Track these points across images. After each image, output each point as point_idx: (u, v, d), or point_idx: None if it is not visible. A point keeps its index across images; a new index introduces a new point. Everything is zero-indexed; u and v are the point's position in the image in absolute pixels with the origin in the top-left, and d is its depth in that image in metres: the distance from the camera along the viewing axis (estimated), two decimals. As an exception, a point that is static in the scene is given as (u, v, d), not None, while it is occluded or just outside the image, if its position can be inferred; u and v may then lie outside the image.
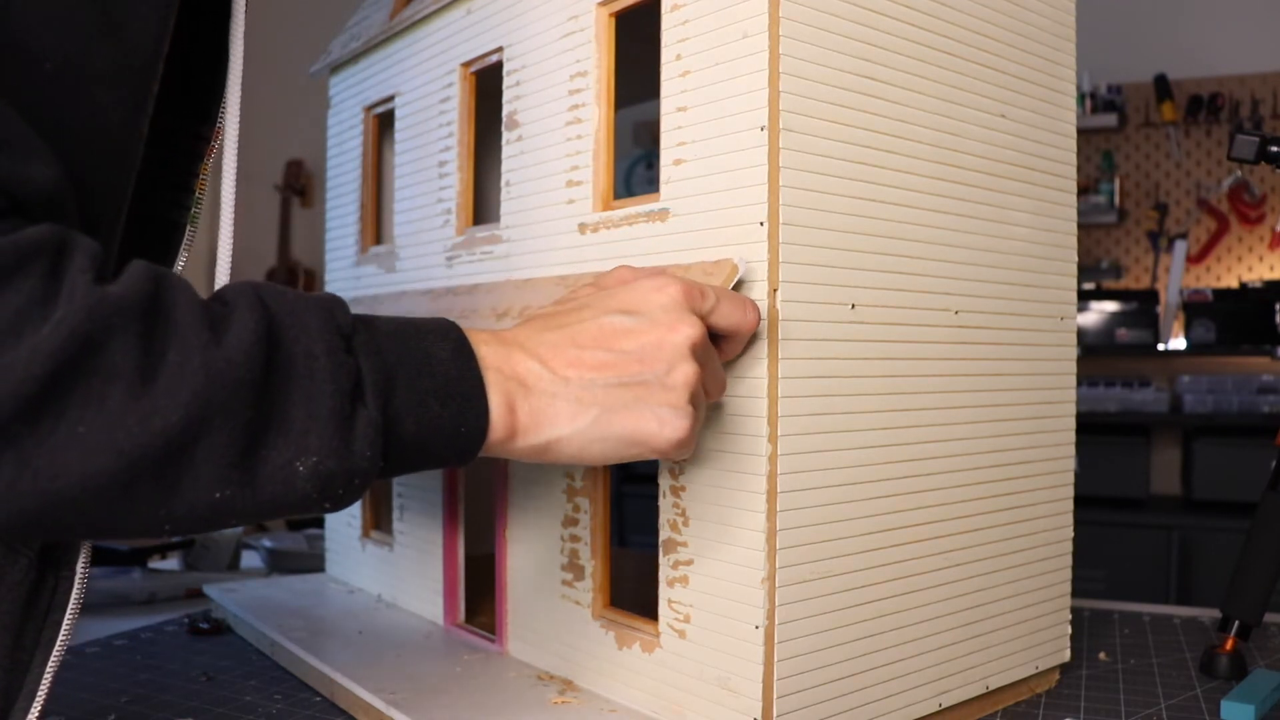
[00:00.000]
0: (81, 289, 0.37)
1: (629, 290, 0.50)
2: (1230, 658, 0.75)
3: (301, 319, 0.43)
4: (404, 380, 0.44)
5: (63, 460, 0.36)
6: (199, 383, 0.38)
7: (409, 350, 0.45)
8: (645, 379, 0.48)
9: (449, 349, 0.46)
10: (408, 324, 0.47)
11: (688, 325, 0.49)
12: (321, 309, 0.44)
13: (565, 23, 0.66)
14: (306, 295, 0.45)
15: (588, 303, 0.50)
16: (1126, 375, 2.70)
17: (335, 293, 0.56)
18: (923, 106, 0.61)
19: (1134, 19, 2.78)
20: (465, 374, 0.46)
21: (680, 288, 0.50)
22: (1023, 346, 0.68)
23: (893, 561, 0.60)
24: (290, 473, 0.41)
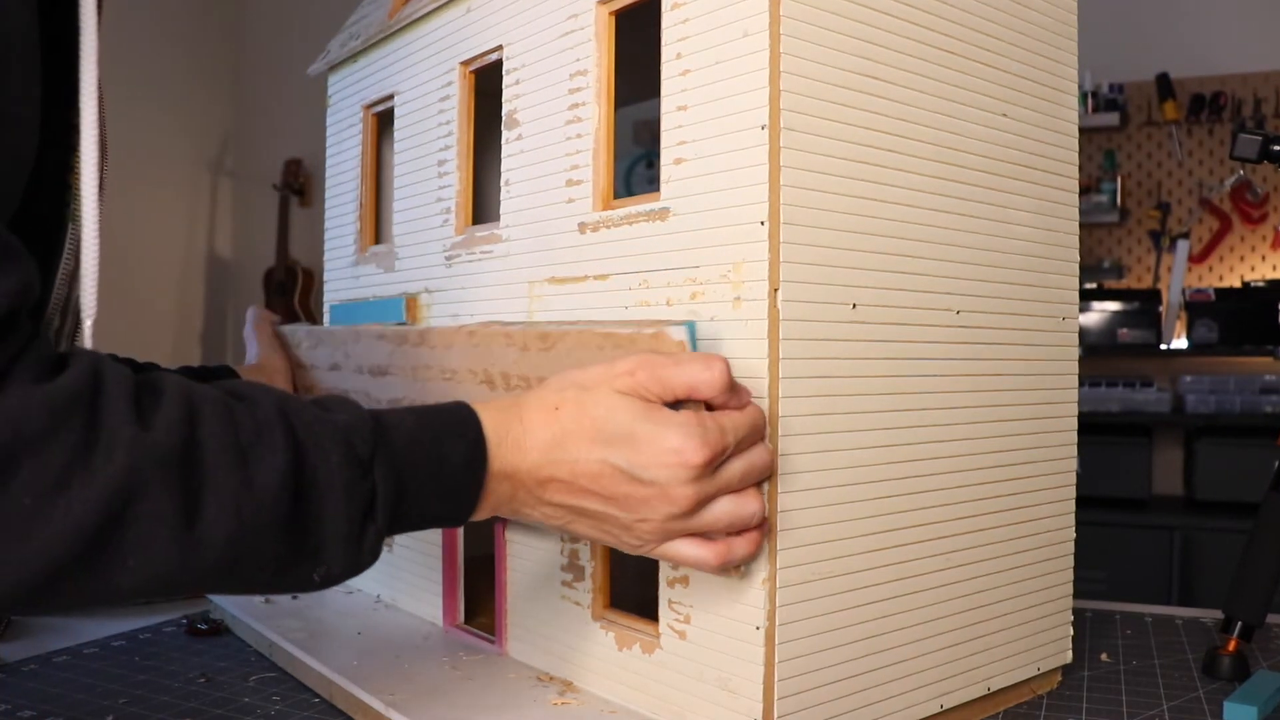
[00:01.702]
0: (122, 441, 0.40)
1: (648, 442, 0.49)
2: (1233, 659, 0.74)
3: (325, 452, 0.45)
4: (414, 489, 0.48)
5: (112, 586, 0.41)
6: (233, 528, 0.42)
7: (424, 459, 0.48)
8: (619, 519, 0.51)
9: (463, 454, 0.49)
10: (428, 425, 0.49)
11: (688, 496, 0.49)
12: (343, 440, 0.46)
13: (565, 21, 0.66)
14: (330, 419, 0.47)
15: (607, 431, 0.50)
16: (1128, 375, 2.69)
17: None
18: (924, 106, 0.60)
19: (1136, 18, 2.77)
20: (471, 483, 0.50)
21: (702, 459, 0.49)
22: (1024, 346, 0.68)
23: (894, 562, 0.59)
24: (303, 579, 0.46)
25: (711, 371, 0.50)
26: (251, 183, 3.74)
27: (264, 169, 3.64)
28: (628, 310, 0.61)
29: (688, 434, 0.49)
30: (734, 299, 0.54)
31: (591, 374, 0.51)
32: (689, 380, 0.50)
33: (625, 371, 0.51)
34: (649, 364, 0.50)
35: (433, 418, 0.50)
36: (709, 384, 0.50)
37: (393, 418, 0.49)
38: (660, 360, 0.51)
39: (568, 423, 0.50)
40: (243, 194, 3.82)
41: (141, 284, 3.39)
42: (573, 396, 0.51)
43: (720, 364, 0.50)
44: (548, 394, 0.52)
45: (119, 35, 3.34)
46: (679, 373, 0.50)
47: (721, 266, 0.55)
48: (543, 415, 0.51)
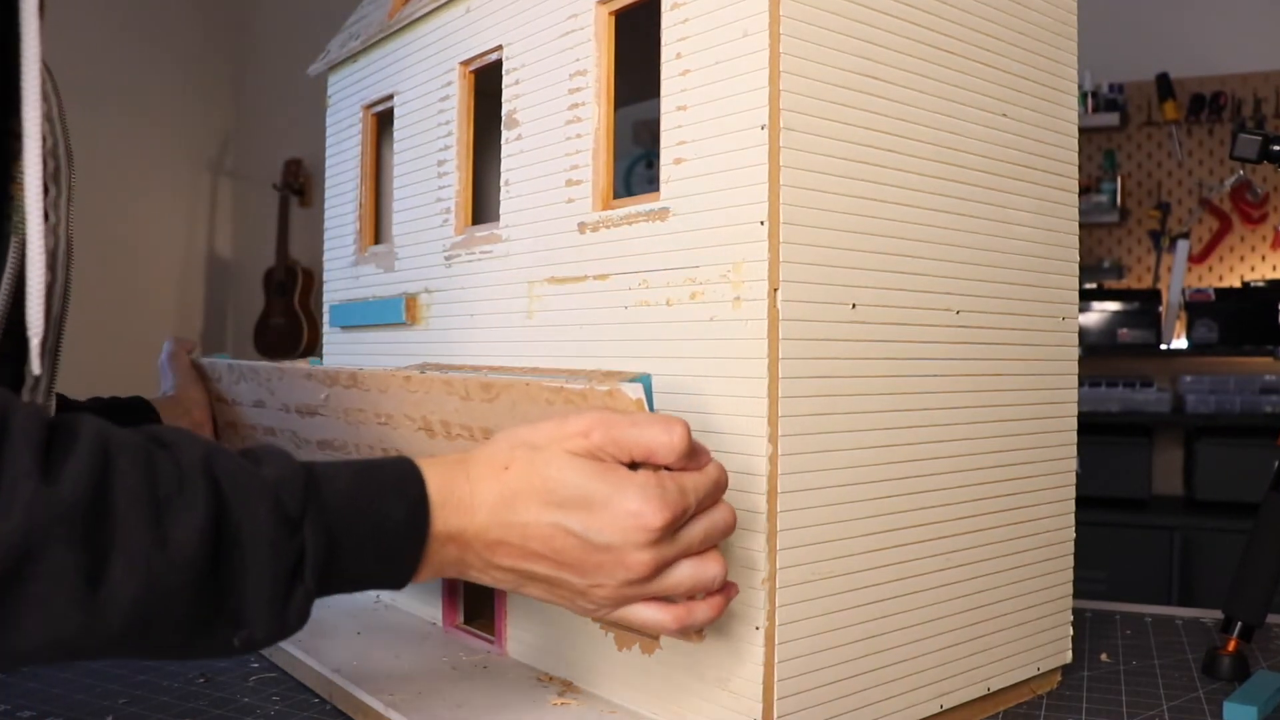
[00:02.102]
0: (22, 496, 0.37)
1: (604, 505, 0.46)
2: (1233, 659, 0.74)
3: (251, 508, 0.42)
4: (348, 548, 0.45)
5: (8, 650, 0.38)
6: (142, 590, 0.39)
7: (361, 517, 0.45)
8: (573, 584, 0.48)
9: (403, 513, 0.46)
10: (367, 481, 0.46)
11: (645, 562, 0.47)
12: (271, 495, 0.43)
13: (565, 21, 0.66)
14: (258, 472, 0.44)
15: (560, 493, 0.47)
16: (1128, 375, 2.69)
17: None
18: (924, 106, 0.60)
19: (1136, 17, 2.77)
20: (411, 544, 0.47)
21: (661, 522, 0.46)
22: (1024, 346, 0.68)
23: (893, 562, 0.59)
24: (222, 644, 0.43)
25: (671, 435, 0.47)
26: (251, 183, 3.74)
27: (264, 169, 3.64)
28: (628, 310, 0.61)
29: (646, 496, 0.46)
30: (734, 299, 0.54)
31: (543, 432, 0.48)
32: (647, 444, 0.47)
33: (579, 432, 0.48)
34: (604, 424, 0.47)
35: (372, 473, 0.47)
36: (668, 448, 0.47)
37: (328, 471, 0.46)
38: (616, 420, 0.48)
39: (518, 483, 0.47)
40: (243, 194, 3.82)
41: (141, 284, 3.39)
42: (523, 456, 0.48)
43: (680, 428, 0.47)
44: (497, 452, 0.49)
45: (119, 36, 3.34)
46: (636, 435, 0.47)
47: (721, 266, 0.55)
48: (491, 474, 0.48)
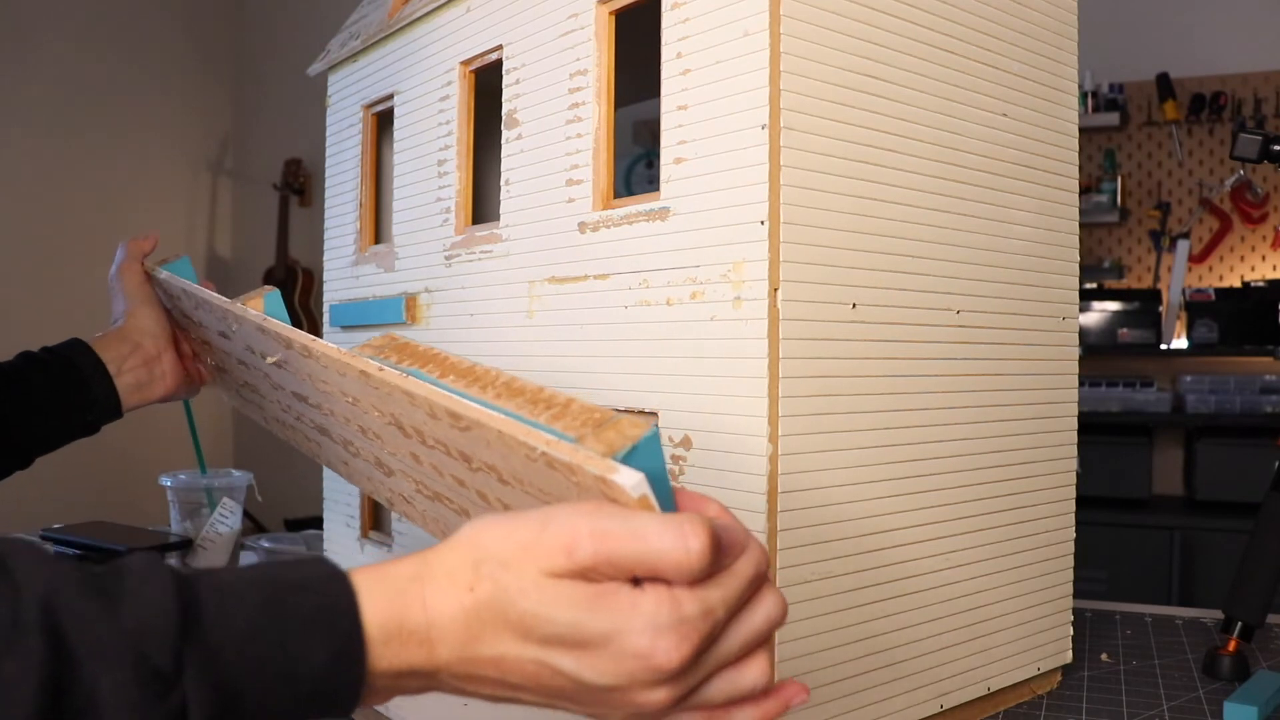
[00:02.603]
0: None
1: (600, 645, 0.36)
2: (1233, 659, 0.74)
3: (108, 663, 0.34)
4: (252, 698, 0.36)
5: None
6: None
7: (265, 664, 0.36)
8: (572, 709, 0.40)
9: (325, 656, 0.37)
10: (275, 613, 0.36)
11: (660, 701, 0.38)
12: (132, 647, 0.34)
13: (565, 21, 0.66)
14: (115, 617, 0.34)
15: (541, 630, 0.37)
16: (1128, 375, 2.69)
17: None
18: (924, 105, 0.60)
19: (1136, 17, 2.77)
20: (342, 686, 0.37)
21: (679, 661, 0.36)
22: (1024, 346, 0.68)
23: (893, 562, 0.59)
24: None
25: (688, 550, 0.36)
26: (252, 183, 3.75)
27: (264, 169, 3.64)
28: (628, 310, 0.61)
29: (657, 630, 0.36)
30: (734, 299, 0.54)
31: (514, 544, 0.38)
32: (653, 562, 0.36)
33: (560, 549, 0.37)
34: (595, 536, 0.36)
35: (283, 600, 0.37)
36: (682, 568, 0.36)
37: (219, 599, 0.36)
38: (611, 532, 0.36)
39: (486, 612, 0.37)
40: (243, 194, 3.82)
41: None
42: (491, 575, 0.38)
43: (699, 537, 0.36)
44: (458, 564, 0.39)
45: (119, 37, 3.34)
46: (639, 550, 0.36)
47: (721, 266, 0.55)
48: (453, 595, 0.38)
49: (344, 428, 0.60)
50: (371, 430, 0.56)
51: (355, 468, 0.65)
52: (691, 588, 0.37)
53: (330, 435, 0.64)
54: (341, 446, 0.64)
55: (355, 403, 0.56)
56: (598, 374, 0.64)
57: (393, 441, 0.53)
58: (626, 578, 0.37)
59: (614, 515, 0.37)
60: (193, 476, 1.15)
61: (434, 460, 0.51)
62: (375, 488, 0.64)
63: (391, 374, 0.48)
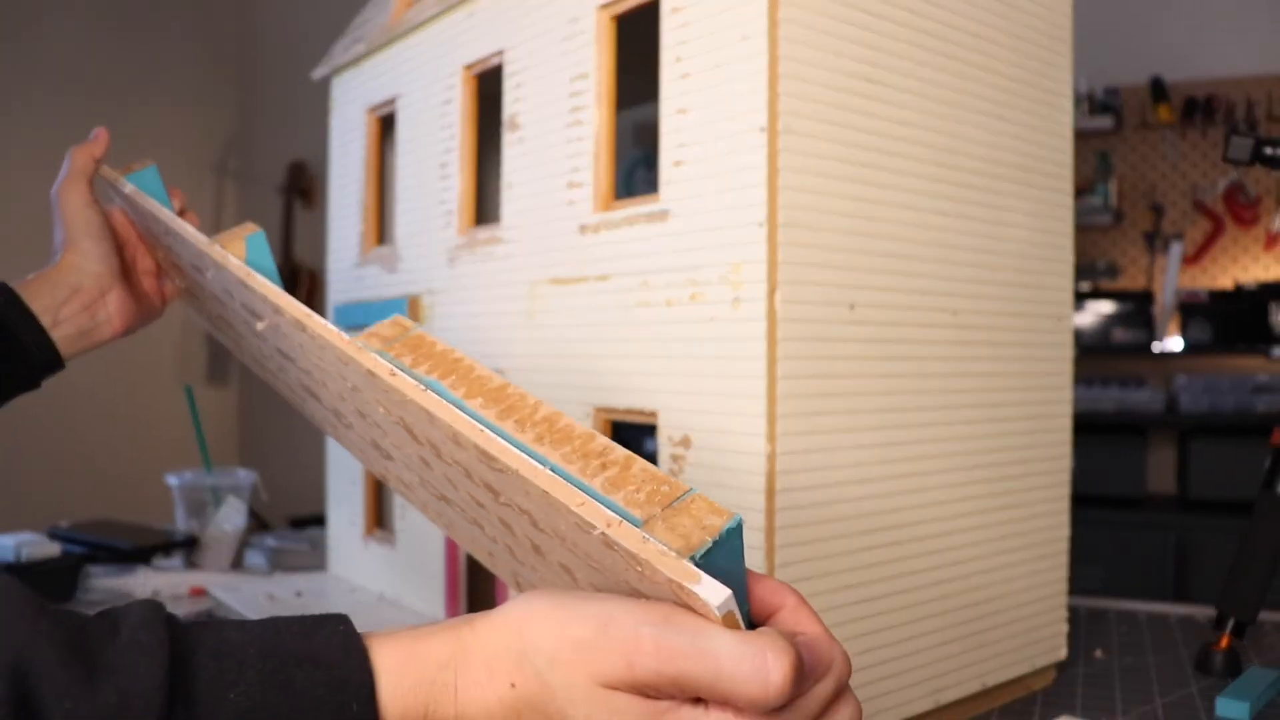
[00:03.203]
0: None
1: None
2: (1226, 655, 0.75)
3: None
4: None
5: None
6: None
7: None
8: None
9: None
10: (279, 693, 0.33)
11: None
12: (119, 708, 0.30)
13: (566, 25, 0.67)
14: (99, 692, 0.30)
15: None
16: (1123, 375, 2.70)
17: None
18: (921, 108, 0.61)
19: (1130, 21, 2.79)
20: None
21: None
22: (1020, 346, 0.69)
23: (890, 560, 0.60)
24: None
25: (767, 685, 0.31)
26: (256, 185, 3.75)
27: (268, 172, 3.64)
28: (629, 311, 0.62)
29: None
30: (733, 299, 0.55)
31: (568, 642, 0.33)
32: (725, 691, 0.31)
33: (620, 657, 0.32)
34: (660, 654, 0.32)
35: (290, 674, 0.33)
36: (757, 703, 0.31)
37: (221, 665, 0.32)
38: (680, 650, 0.32)
39: (527, 712, 0.34)
40: (247, 196, 3.82)
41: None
42: (537, 674, 0.34)
43: (783, 670, 0.31)
44: (501, 653, 0.35)
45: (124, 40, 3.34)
46: (710, 675, 0.32)
47: (720, 267, 0.56)
48: (490, 689, 0.34)
49: (338, 402, 0.54)
50: (372, 419, 0.50)
51: (345, 437, 0.60)
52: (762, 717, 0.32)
53: (319, 399, 0.59)
54: (332, 414, 0.58)
55: (356, 390, 0.49)
56: (598, 374, 0.64)
57: (398, 438, 0.49)
58: (689, 698, 0.33)
59: (685, 629, 0.32)
60: (198, 475, 1.15)
61: (449, 474, 0.46)
62: (369, 462, 0.59)
63: (407, 382, 0.42)
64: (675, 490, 0.35)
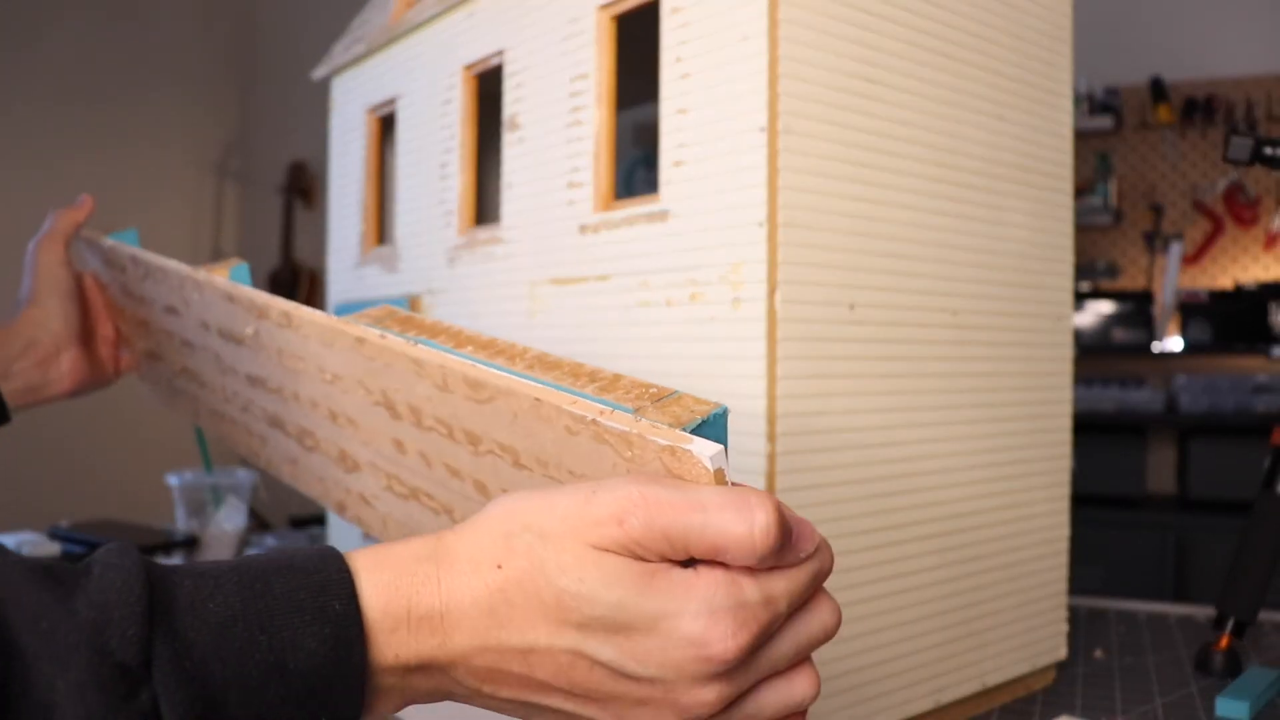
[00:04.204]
0: None
1: (649, 628, 0.32)
2: (1225, 655, 0.75)
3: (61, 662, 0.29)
4: (237, 698, 0.31)
5: None
6: None
7: (251, 651, 0.31)
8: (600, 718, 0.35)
9: (319, 642, 0.32)
10: (259, 599, 0.32)
11: (708, 702, 0.33)
12: (91, 639, 0.29)
13: (566, 25, 0.67)
14: (69, 608, 0.30)
15: (581, 611, 0.33)
16: (1122, 375, 2.71)
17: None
18: (921, 108, 0.61)
19: (1130, 22, 2.79)
20: (340, 682, 0.33)
21: (735, 652, 0.32)
22: (1020, 346, 0.69)
23: (890, 559, 0.60)
24: None
25: (752, 527, 0.32)
26: (256, 185, 3.75)
27: (269, 172, 3.64)
28: (629, 311, 0.62)
29: (714, 617, 0.32)
30: (733, 299, 0.55)
31: (556, 515, 0.34)
32: (714, 539, 0.32)
33: (610, 518, 0.33)
34: (648, 506, 0.33)
35: (269, 584, 0.33)
36: (746, 547, 0.32)
37: (194, 586, 0.32)
38: (666, 500, 0.33)
39: (516, 593, 0.33)
40: (248, 197, 3.82)
41: (139, 285, 3.39)
42: (526, 549, 0.33)
43: (766, 513, 0.32)
44: (485, 540, 0.34)
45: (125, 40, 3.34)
46: (699, 525, 0.32)
47: (720, 267, 0.56)
48: (475, 574, 0.34)
49: (307, 415, 0.55)
50: (345, 415, 0.51)
51: (306, 466, 0.60)
52: (753, 573, 0.33)
53: (284, 427, 0.60)
54: (295, 440, 0.59)
55: (334, 381, 0.50)
56: (599, 374, 0.64)
57: (372, 426, 0.49)
58: (683, 558, 0.33)
59: (672, 485, 0.33)
60: (198, 475, 1.16)
61: (425, 446, 0.46)
62: (327, 490, 0.59)
63: (396, 341, 0.43)
64: (663, 391, 0.37)
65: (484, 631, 0.33)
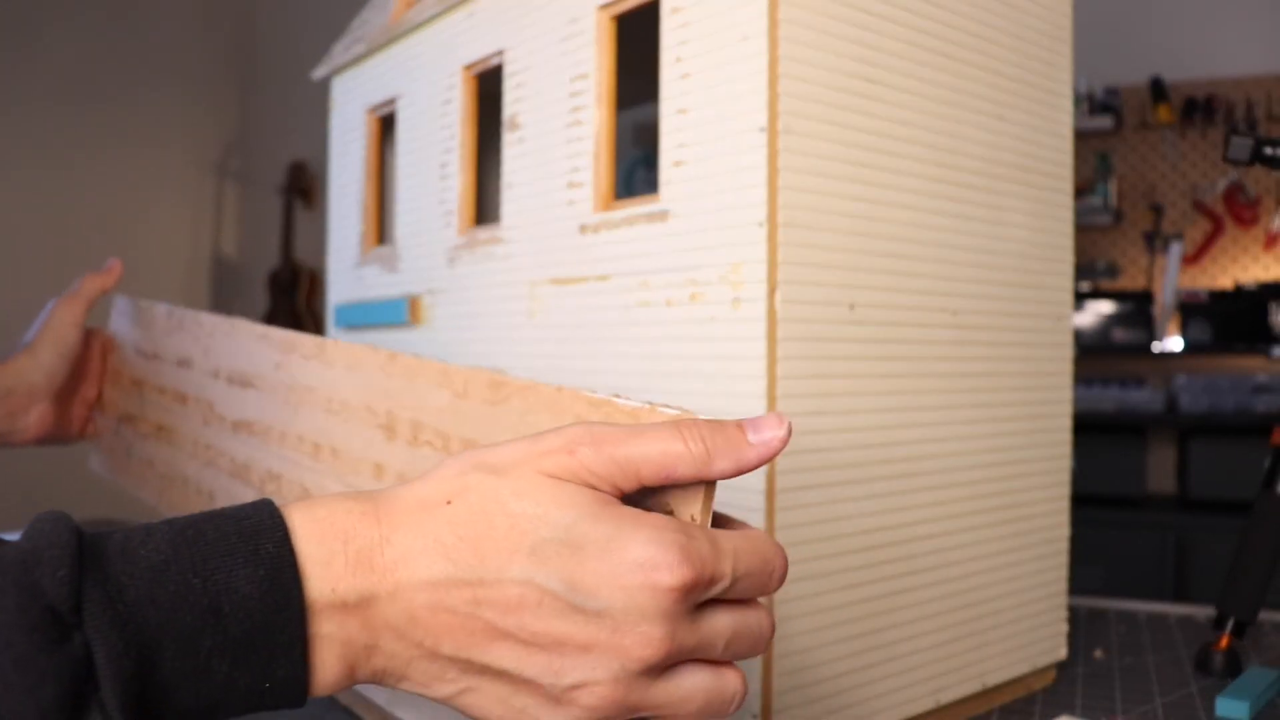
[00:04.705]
0: None
1: (600, 550, 0.32)
2: (1225, 655, 0.75)
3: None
4: (172, 646, 0.30)
5: None
6: None
7: (184, 595, 0.30)
8: (542, 686, 0.33)
9: (253, 580, 0.31)
10: (190, 543, 0.32)
11: (654, 639, 0.32)
12: (19, 579, 0.29)
13: (565, 25, 0.67)
14: (2, 557, 0.29)
15: (536, 534, 0.33)
16: (1122, 375, 2.71)
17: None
18: (921, 108, 0.61)
19: (1130, 22, 2.79)
20: (278, 623, 0.31)
21: (681, 580, 0.32)
22: (1020, 347, 0.69)
23: (890, 560, 0.60)
24: None
25: (687, 443, 0.34)
26: (256, 185, 3.75)
27: (269, 172, 3.64)
28: (629, 311, 0.62)
29: (663, 542, 0.32)
30: (733, 299, 0.55)
31: (507, 451, 0.35)
32: (658, 458, 0.34)
33: (561, 447, 0.34)
34: (597, 437, 0.34)
35: (200, 530, 0.32)
36: (689, 458, 0.34)
37: (128, 535, 0.32)
38: (613, 432, 0.34)
39: (465, 526, 0.33)
40: (248, 197, 3.82)
41: (147, 285, 3.39)
42: (477, 484, 0.34)
43: (699, 430, 0.35)
44: (433, 483, 0.35)
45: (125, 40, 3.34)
46: (643, 449, 0.34)
47: (720, 267, 0.56)
48: (421, 512, 0.33)
49: (284, 455, 0.57)
50: (330, 447, 0.53)
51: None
52: (706, 529, 0.35)
53: (247, 475, 0.62)
54: (255, 488, 0.62)
55: (341, 408, 0.52)
56: (598, 374, 0.64)
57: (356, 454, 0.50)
58: (634, 487, 0.35)
59: (611, 425, 0.35)
60: None
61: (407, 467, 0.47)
62: None
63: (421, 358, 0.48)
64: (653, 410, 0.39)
65: (428, 565, 0.33)
